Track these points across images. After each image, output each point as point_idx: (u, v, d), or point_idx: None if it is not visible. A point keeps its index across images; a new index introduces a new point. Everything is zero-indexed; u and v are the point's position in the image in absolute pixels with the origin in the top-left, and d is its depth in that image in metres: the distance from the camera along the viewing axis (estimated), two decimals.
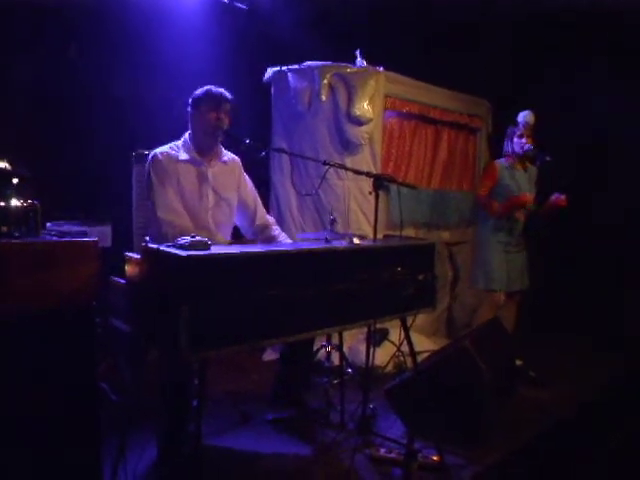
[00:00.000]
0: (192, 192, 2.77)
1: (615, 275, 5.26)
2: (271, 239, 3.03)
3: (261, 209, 3.09)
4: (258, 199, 3.08)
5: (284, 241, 3.03)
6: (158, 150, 2.79)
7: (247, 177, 3.06)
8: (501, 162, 4.16)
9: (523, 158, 4.13)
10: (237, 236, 3.10)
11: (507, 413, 3.32)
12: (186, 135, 2.86)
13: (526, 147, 4.05)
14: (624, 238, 5.19)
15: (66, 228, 3.18)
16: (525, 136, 4.05)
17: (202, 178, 2.80)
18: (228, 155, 2.97)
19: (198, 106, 2.80)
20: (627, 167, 5.15)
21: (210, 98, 2.79)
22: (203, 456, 2.57)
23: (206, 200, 2.80)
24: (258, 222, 3.06)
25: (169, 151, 2.79)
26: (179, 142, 2.85)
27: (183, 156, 2.77)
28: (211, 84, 2.86)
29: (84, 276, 2.05)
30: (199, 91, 2.83)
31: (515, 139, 4.09)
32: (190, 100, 2.84)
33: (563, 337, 5.15)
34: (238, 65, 5.08)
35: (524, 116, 4.08)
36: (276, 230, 3.09)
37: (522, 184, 4.13)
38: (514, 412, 3.40)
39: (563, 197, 3.95)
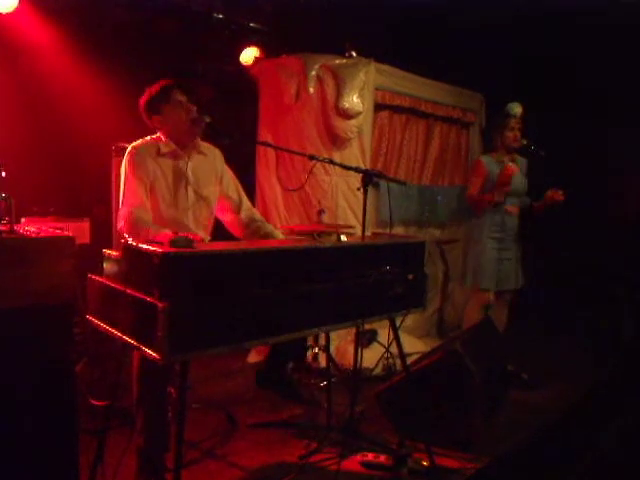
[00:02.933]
0: (171, 192, 2.73)
1: (609, 274, 5.31)
2: (258, 231, 3.01)
3: (246, 201, 3.05)
4: (242, 191, 3.04)
5: (272, 232, 3.00)
6: (137, 143, 2.76)
7: (229, 170, 3.02)
8: (488, 157, 4.19)
9: (512, 151, 4.17)
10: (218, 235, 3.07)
11: (499, 416, 3.35)
12: (159, 134, 2.79)
13: (521, 142, 4.09)
14: (621, 236, 5.24)
15: (42, 224, 3.16)
16: (517, 129, 4.09)
17: (181, 175, 2.76)
18: (206, 146, 2.91)
19: (160, 107, 2.73)
20: (628, 161, 5.20)
21: (166, 94, 2.73)
22: (184, 465, 2.57)
23: (184, 200, 2.77)
24: (244, 214, 3.02)
25: (149, 145, 2.75)
26: (156, 136, 2.81)
27: (164, 149, 2.75)
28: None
29: (60, 274, 2.04)
30: (146, 95, 2.75)
31: (507, 132, 4.12)
32: (145, 105, 2.75)
33: (555, 338, 5.21)
34: (224, 55, 5.08)
35: (514, 108, 4.11)
36: (263, 223, 3.06)
37: (514, 177, 4.16)
38: (506, 415, 3.43)
39: (560, 192, 4.00)
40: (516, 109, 4.10)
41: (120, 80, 4.32)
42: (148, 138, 2.78)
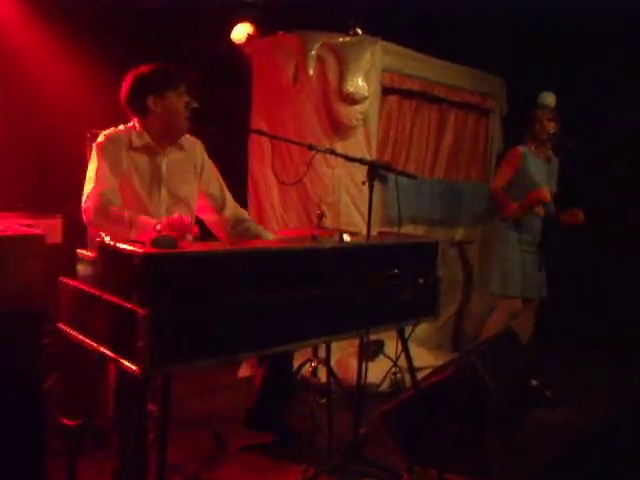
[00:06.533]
0: (144, 191, 2.74)
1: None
2: (246, 233, 3.01)
3: (230, 199, 3.06)
4: (225, 188, 3.05)
5: (262, 234, 3.01)
6: (109, 132, 2.74)
7: (211, 163, 3.02)
8: (526, 148, 4.21)
9: (546, 145, 4.18)
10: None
11: (519, 438, 3.35)
12: (135, 122, 2.79)
13: (552, 131, 4.11)
14: None
15: (8, 220, 3.16)
16: (545, 120, 4.11)
17: (155, 172, 2.76)
18: (185, 139, 2.90)
19: (160, 91, 2.72)
20: None
21: (175, 80, 2.74)
22: None
23: (158, 201, 2.76)
24: (228, 214, 3.02)
25: (122, 135, 2.74)
26: (129, 125, 2.80)
27: (137, 142, 2.74)
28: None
29: (28, 276, 2.05)
30: (149, 71, 2.73)
31: (535, 123, 4.14)
32: (145, 79, 2.73)
33: (581, 351, 5.21)
34: (213, 32, 5.08)
35: (544, 97, 4.14)
36: (251, 223, 3.07)
37: (543, 175, 4.18)
38: (527, 437, 3.43)
39: (581, 213, 4.03)
40: (547, 99, 4.13)
41: (96, 60, 4.32)
42: (121, 127, 2.78)
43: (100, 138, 2.73)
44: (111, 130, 2.76)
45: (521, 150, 4.21)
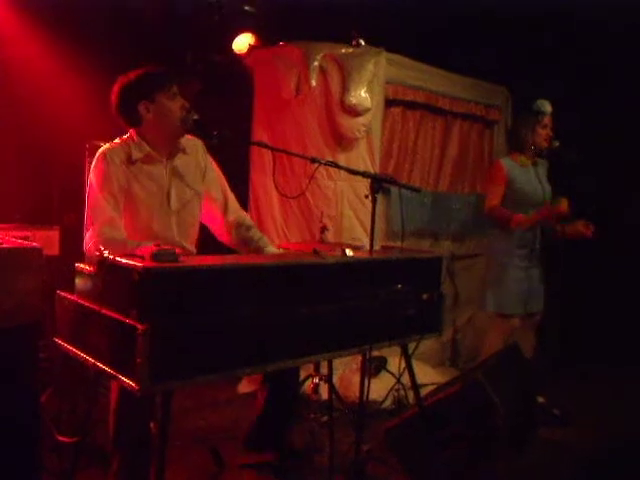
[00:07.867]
0: (150, 201, 2.72)
1: None
2: (249, 242, 2.99)
3: (233, 201, 3.05)
4: (229, 191, 3.04)
5: (265, 247, 3.00)
6: (106, 147, 2.71)
7: (214, 165, 3.01)
8: (509, 160, 4.17)
9: (540, 152, 4.17)
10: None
11: (527, 456, 3.33)
12: (131, 133, 2.77)
13: (552, 144, 4.09)
14: None
15: (4, 232, 3.16)
16: (549, 127, 4.10)
17: (160, 180, 2.75)
18: (186, 140, 2.87)
19: (150, 95, 2.69)
20: None
21: (164, 82, 2.71)
22: None
23: (166, 208, 2.75)
24: (231, 217, 3.01)
25: (119, 149, 2.71)
26: (126, 137, 2.77)
27: (136, 154, 2.71)
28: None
29: (25, 290, 2.04)
30: (135, 77, 2.71)
31: (539, 129, 4.12)
32: (133, 84, 2.71)
33: (591, 367, 5.18)
34: (214, 42, 5.10)
35: (545, 105, 4.12)
36: (255, 232, 3.05)
37: (532, 181, 4.15)
38: (534, 456, 3.41)
39: (591, 227, 3.99)
40: (547, 106, 4.12)
41: (96, 71, 4.33)
42: (117, 140, 2.77)
43: (97, 155, 2.69)
44: (107, 146, 2.72)
45: (503, 163, 4.15)
